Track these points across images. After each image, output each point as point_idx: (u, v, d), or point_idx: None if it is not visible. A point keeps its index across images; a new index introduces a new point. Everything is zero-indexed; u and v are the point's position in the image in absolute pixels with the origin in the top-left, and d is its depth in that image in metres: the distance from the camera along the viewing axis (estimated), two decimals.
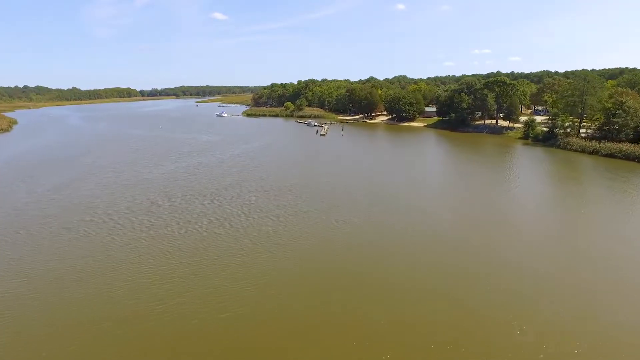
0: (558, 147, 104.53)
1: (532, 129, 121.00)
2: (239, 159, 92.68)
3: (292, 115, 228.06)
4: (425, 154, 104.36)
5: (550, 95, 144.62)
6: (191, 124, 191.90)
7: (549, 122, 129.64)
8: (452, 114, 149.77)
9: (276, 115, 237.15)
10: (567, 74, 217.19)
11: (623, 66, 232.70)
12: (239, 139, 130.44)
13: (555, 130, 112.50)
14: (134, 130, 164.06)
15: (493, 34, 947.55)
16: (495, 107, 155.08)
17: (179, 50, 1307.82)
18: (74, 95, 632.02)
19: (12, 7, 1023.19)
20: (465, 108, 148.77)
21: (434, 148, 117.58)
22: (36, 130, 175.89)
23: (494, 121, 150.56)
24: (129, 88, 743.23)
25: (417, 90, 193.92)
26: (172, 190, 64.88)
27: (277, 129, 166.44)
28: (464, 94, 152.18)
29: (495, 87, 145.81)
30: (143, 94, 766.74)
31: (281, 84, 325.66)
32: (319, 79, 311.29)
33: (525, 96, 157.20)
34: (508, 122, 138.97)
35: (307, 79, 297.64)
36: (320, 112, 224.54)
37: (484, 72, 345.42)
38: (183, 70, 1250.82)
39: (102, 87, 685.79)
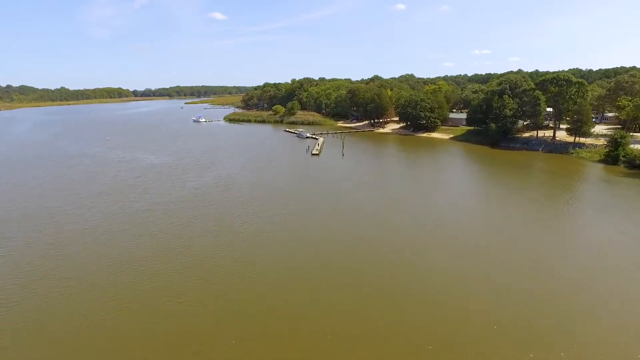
0: None
1: (623, 148, 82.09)
2: (164, 220, 53.34)
3: (281, 121, 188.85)
4: (471, 201, 65.22)
5: (629, 99, 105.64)
6: (153, 134, 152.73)
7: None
8: (492, 124, 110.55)
9: (263, 121, 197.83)
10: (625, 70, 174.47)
11: (622, 66, 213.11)
12: (198, 162, 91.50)
13: None
14: (71, 145, 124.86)
15: (493, 34, 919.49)
16: (549, 114, 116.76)
17: (178, 51, 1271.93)
18: (61, 96, 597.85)
19: (10, 7, 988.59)
20: (509, 116, 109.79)
21: (478, 182, 78.54)
22: None
23: (547, 133, 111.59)
24: (120, 88, 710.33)
25: (438, 90, 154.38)
26: None
27: (258, 143, 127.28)
28: (506, 96, 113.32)
29: (551, 87, 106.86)
30: (136, 94, 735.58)
31: (274, 84, 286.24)
32: (316, 78, 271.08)
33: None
34: (574, 136, 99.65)
35: (302, 77, 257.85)
36: (316, 118, 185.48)
37: (483, 72, 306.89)
38: (181, 71, 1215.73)
39: (94, 88, 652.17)
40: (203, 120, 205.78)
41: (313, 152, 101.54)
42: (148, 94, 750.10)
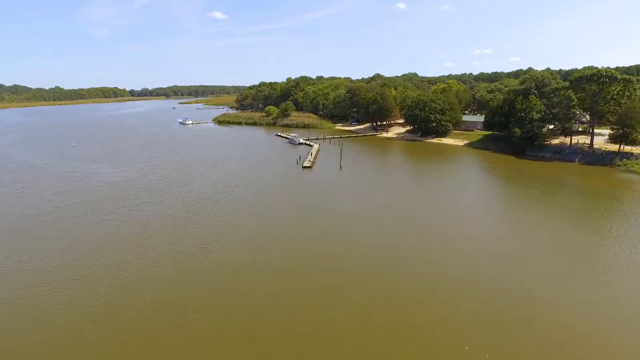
0: None
1: None
2: (64, 295, 36.54)
3: (274, 124, 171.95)
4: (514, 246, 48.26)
5: None
6: (129, 138, 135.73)
7: None
8: (517, 129, 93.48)
9: (254, 123, 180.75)
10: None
11: (623, 65, 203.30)
12: (161, 180, 74.49)
13: None
14: (24, 154, 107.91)
15: (494, 33, 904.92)
16: (582, 117, 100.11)
17: (177, 50, 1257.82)
18: (55, 96, 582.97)
19: (10, 7, 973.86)
20: (536, 119, 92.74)
21: (514, 211, 61.54)
22: None
23: (580, 140, 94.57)
24: (115, 88, 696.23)
25: (448, 89, 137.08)
26: None
27: (244, 150, 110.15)
28: (532, 96, 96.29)
29: (587, 86, 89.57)
30: (133, 94, 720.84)
31: (269, 83, 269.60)
32: (313, 77, 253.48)
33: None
34: (619, 144, 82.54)
35: (298, 76, 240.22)
36: (312, 120, 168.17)
37: (490, 71, 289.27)
38: (180, 70, 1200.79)
39: (89, 87, 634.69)
40: (190, 122, 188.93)
41: (304, 165, 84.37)
42: (145, 94, 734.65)
